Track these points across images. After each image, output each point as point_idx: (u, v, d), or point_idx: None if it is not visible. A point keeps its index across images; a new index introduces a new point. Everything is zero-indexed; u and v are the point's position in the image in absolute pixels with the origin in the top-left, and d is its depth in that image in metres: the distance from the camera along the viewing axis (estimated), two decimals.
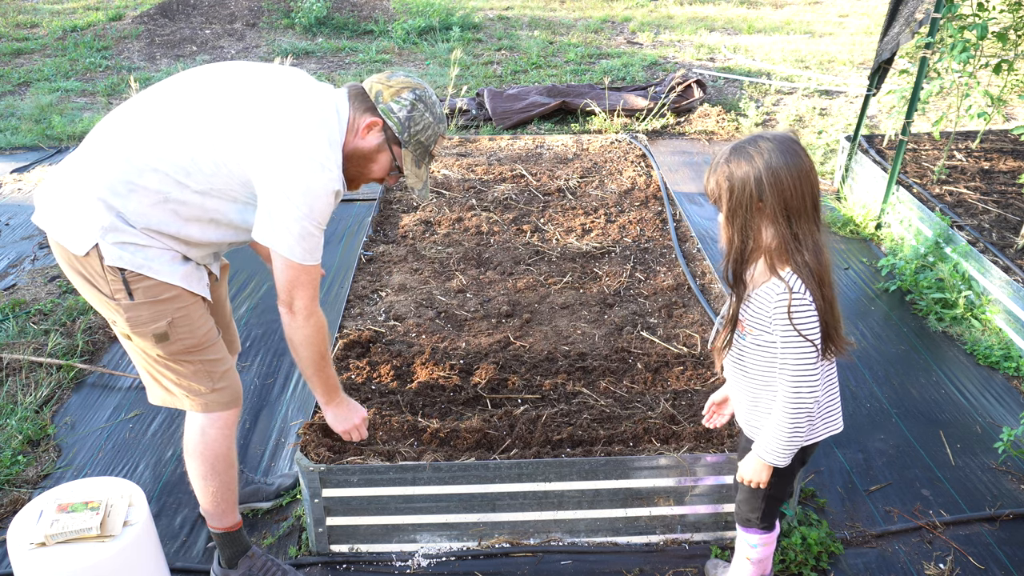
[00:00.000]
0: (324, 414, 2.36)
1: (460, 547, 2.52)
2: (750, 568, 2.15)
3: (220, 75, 2.02)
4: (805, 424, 1.81)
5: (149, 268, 1.95)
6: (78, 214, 1.91)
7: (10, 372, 3.38)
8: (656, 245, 4.01)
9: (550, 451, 2.49)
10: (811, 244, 1.72)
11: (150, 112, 1.97)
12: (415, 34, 9.59)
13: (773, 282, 1.74)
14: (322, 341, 2.15)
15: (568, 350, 3.11)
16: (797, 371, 1.74)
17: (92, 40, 9.26)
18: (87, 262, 1.93)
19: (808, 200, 1.70)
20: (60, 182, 1.96)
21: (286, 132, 1.93)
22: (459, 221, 4.28)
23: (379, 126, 2.08)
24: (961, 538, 2.59)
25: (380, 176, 2.17)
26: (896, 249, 4.37)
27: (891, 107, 6.51)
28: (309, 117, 1.97)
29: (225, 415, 2.19)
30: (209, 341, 2.11)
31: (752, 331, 1.82)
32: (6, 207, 5.16)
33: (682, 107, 6.82)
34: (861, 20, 10.69)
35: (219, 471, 2.22)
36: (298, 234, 1.95)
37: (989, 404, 3.25)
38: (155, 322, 1.99)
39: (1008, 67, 4.27)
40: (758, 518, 2.05)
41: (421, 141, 2.12)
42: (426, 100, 2.10)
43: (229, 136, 1.92)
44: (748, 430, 2.00)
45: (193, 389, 2.12)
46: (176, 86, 2.02)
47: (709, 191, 1.80)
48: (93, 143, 1.97)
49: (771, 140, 1.71)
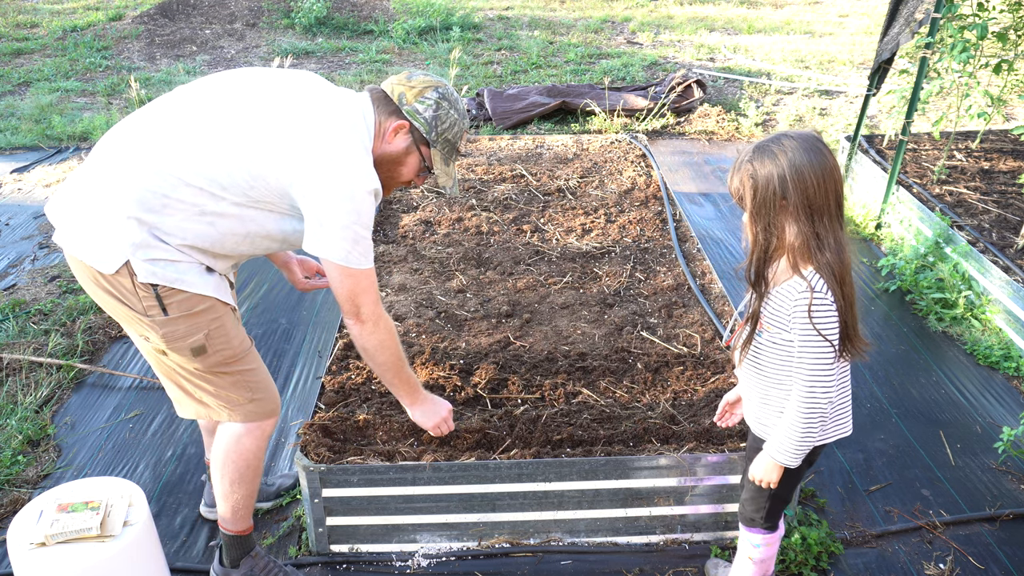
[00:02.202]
0: (410, 414, 2.34)
1: (460, 547, 2.52)
2: (752, 568, 2.15)
3: (242, 83, 1.99)
4: (818, 425, 1.81)
5: (182, 282, 1.91)
6: (106, 232, 1.86)
7: (10, 372, 3.38)
8: (656, 245, 4.01)
9: (550, 451, 2.49)
10: (833, 243, 1.71)
11: (175, 122, 1.91)
12: (415, 34, 9.59)
13: (795, 280, 1.74)
14: (396, 343, 2.14)
15: (568, 350, 3.11)
16: (814, 371, 1.74)
17: (92, 40, 9.26)
18: (116, 280, 1.89)
19: (832, 198, 1.70)
20: (82, 198, 1.90)
21: (321, 140, 1.90)
22: (459, 221, 4.28)
23: (406, 128, 2.06)
24: (961, 538, 2.59)
25: (409, 178, 2.16)
26: (896, 249, 4.37)
27: (891, 107, 6.51)
28: (341, 123, 1.95)
29: (263, 424, 2.17)
30: (244, 351, 2.09)
31: (770, 329, 1.82)
32: (6, 207, 5.16)
33: (682, 107, 6.82)
34: (861, 20, 10.69)
35: (247, 480, 2.20)
36: (351, 239, 1.92)
37: (989, 404, 3.25)
38: (192, 336, 1.96)
39: (1008, 67, 4.27)
40: (762, 518, 2.05)
41: (448, 139, 2.11)
42: (449, 97, 2.09)
43: (264, 147, 1.88)
44: (757, 427, 2.00)
45: (232, 400, 2.09)
46: (197, 94, 1.97)
47: (733, 190, 1.79)
48: (113, 155, 1.91)
49: (795, 138, 1.70)
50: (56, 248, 4.51)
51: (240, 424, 2.14)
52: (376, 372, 2.20)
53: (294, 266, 2.57)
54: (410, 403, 2.31)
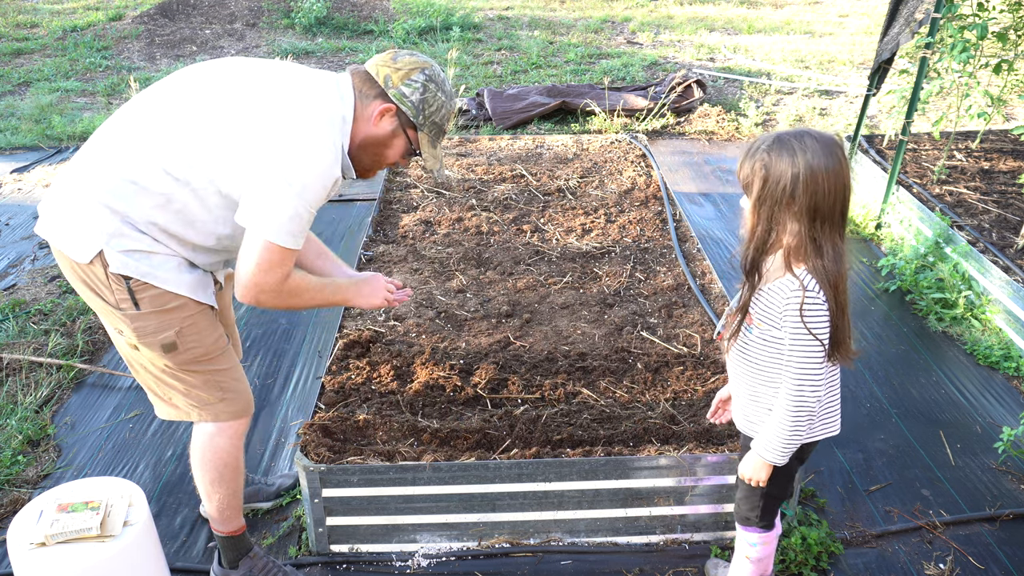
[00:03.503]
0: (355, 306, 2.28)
1: (460, 547, 2.52)
2: (750, 567, 2.15)
3: (217, 71, 1.98)
4: (806, 423, 1.81)
5: (154, 277, 1.91)
6: (81, 220, 1.87)
7: (10, 372, 3.38)
8: (656, 245, 4.01)
9: (550, 451, 2.49)
10: (831, 250, 1.70)
11: (148, 112, 1.92)
12: (415, 34, 9.59)
13: (788, 278, 1.73)
14: (306, 288, 2.03)
15: (568, 350, 3.11)
16: (803, 369, 1.74)
17: (92, 40, 9.26)
18: (91, 270, 1.89)
19: (838, 207, 1.69)
20: (61, 190, 1.92)
21: (286, 120, 1.86)
22: (459, 221, 4.28)
23: (392, 112, 2.00)
24: (961, 538, 2.59)
25: (394, 160, 2.11)
26: (896, 249, 4.36)
27: (891, 107, 6.51)
28: (309, 104, 1.90)
29: (235, 424, 2.16)
30: (218, 350, 2.08)
31: (760, 325, 1.82)
32: (6, 207, 5.16)
33: (682, 107, 6.82)
34: (861, 20, 10.69)
35: (227, 479, 2.20)
36: (288, 215, 1.83)
37: (989, 404, 3.25)
38: (162, 332, 1.95)
39: (1008, 67, 4.27)
40: (757, 516, 2.05)
41: (436, 122, 2.06)
42: (436, 79, 2.03)
43: (229, 131, 1.86)
44: (744, 424, 2.00)
45: (201, 399, 2.09)
46: (173, 85, 1.97)
47: (742, 176, 1.76)
48: (92, 148, 1.93)
49: (817, 139, 1.68)
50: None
51: (211, 424, 2.14)
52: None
53: None
54: (345, 301, 2.21)
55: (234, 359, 2.16)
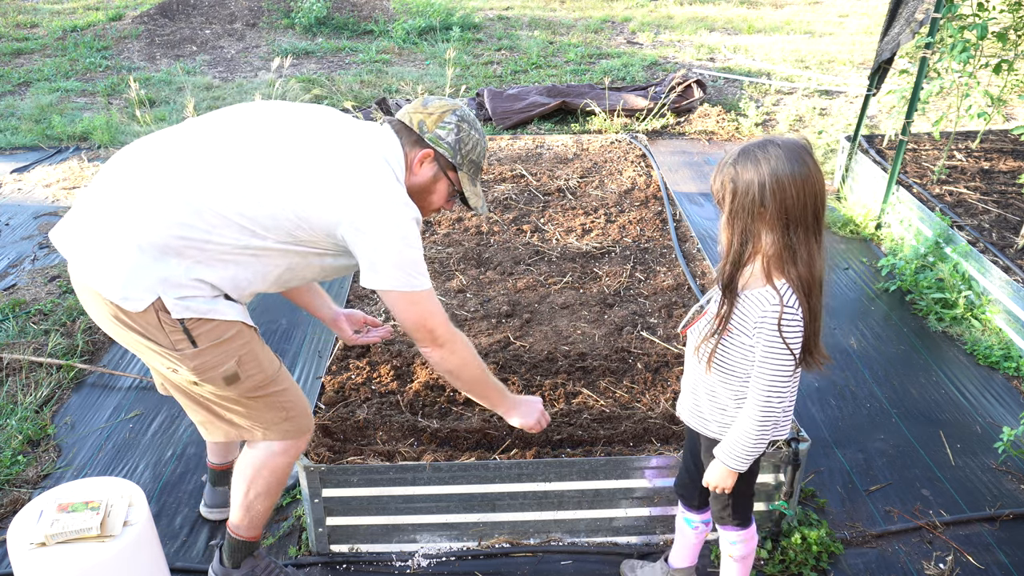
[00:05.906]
0: (509, 420, 2.32)
1: (460, 547, 2.52)
2: (737, 567, 2.15)
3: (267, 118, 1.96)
4: (771, 431, 1.82)
5: (213, 311, 1.88)
6: (133, 267, 1.79)
7: (10, 372, 3.38)
8: (656, 245, 4.01)
9: (550, 451, 2.50)
10: (805, 256, 1.70)
11: (207, 156, 1.86)
12: (415, 34, 9.60)
13: (767, 290, 1.73)
14: (475, 357, 2.12)
15: (568, 350, 3.11)
16: (773, 380, 1.74)
17: (92, 40, 9.26)
18: (140, 316, 1.83)
19: (809, 211, 1.68)
20: (102, 228, 1.82)
21: (362, 179, 1.89)
22: (459, 221, 4.28)
23: (431, 156, 2.06)
24: (961, 538, 2.59)
25: (440, 205, 2.15)
26: (896, 249, 4.37)
27: (891, 107, 6.52)
28: (376, 161, 1.94)
29: (298, 443, 2.16)
30: (275, 372, 2.06)
31: (732, 330, 1.81)
32: (6, 207, 5.16)
33: (682, 107, 6.82)
34: (861, 20, 10.69)
35: (272, 494, 2.19)
36: (404, 266, 1.91)
37: (989, 404, 3.25)
38: (223, 364, 1.92)
39: (1008, 67, 4.27)
40: (730, 515, 2.07)
41: (473, 159, 2.11)
42: (468, 119, 2.09)
43: (307, 190, 1.85)
44: (694, 419, 2.00)
45: (266, 421, 2.07)
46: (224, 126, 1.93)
47: (714, 191, 1.78)
48: (137, 185, 1.84)
49: (781, 146, 1.68)
50: (56, 249, 4.50)
51: (277, 443, 2.12)
52: (463, 390, 2.19)
53: (342, 323, 2.61)
54: (505, 410, 2.28)
55: (290, 378, 2.14)
